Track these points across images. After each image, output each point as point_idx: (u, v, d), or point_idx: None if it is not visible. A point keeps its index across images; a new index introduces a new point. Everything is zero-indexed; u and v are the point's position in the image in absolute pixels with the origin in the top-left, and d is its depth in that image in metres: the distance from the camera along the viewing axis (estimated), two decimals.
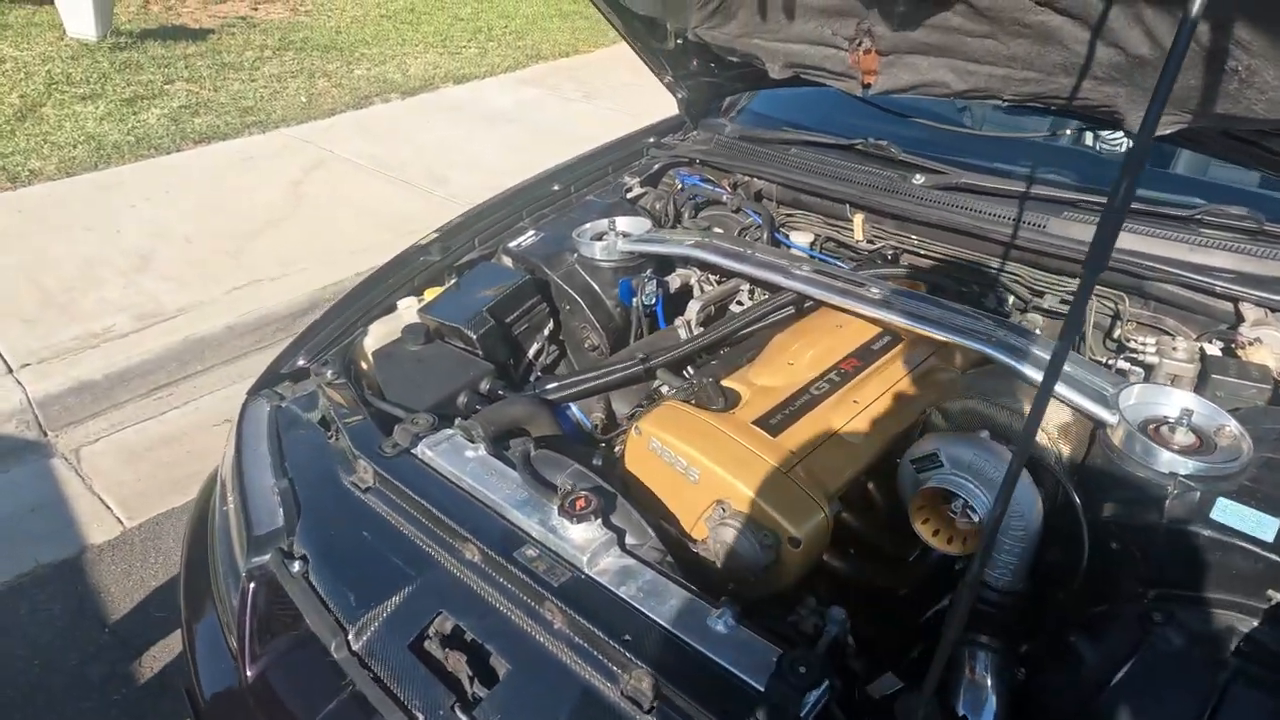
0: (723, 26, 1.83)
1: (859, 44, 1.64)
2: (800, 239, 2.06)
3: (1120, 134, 2.24)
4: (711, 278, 2.00)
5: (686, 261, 1.95)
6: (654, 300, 1.93)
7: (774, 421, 1.41)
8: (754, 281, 1.84)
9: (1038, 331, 1.74)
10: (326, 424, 1.56)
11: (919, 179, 1.89)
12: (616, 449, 1.55)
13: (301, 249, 4.17)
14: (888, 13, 1.53)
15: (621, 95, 6.75)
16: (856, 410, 1.45)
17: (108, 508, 2.71)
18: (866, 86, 1.72)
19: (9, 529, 2.61)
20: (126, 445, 3.03)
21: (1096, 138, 2.29)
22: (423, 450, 1.39)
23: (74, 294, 3.69)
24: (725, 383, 1.52)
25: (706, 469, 1.31)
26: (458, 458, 1.37)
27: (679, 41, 2.02)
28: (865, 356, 1.58)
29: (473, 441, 1.42)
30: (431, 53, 7.68)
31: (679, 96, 2.34)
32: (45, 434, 3.08)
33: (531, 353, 1.92)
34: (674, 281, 2.01)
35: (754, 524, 1.26)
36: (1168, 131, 1.41)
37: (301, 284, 3.85)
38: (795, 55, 1.77)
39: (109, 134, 5.43)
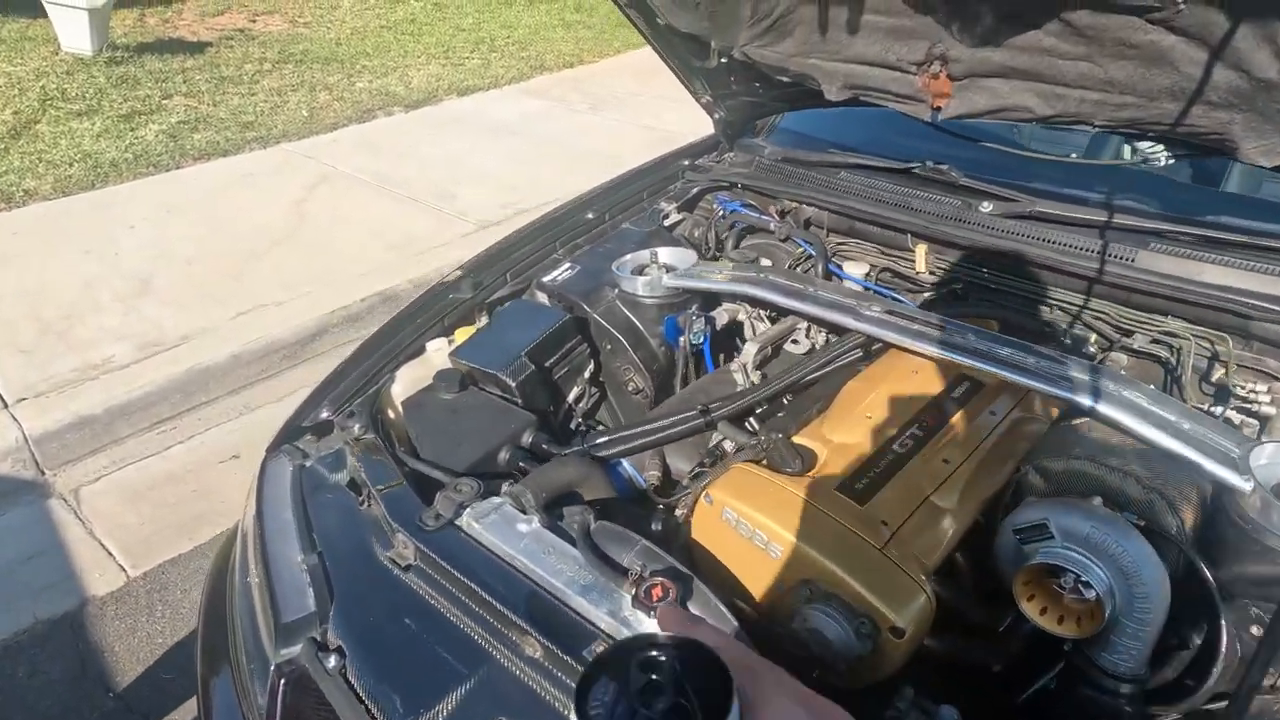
0: (776, 45, 1.70)
1: (929, 67, 1.51)
2: (854, 270, 1.92)
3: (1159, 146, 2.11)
4: (763, 313, 1.86)
5: (737, 298, 1.82)
6: (702, 339, 1.79)
7: (859, 487, 1.27)
8: (818, 322, 1.70)
9: (1122, 372, 1.61)
10: (357, 487, 1.42)
11: (986, 207, 1.75)
12: (678, 512, 1.41)
13: (307, 271, 4.02)
14: (966, 35, 1.40)
15: (628, 106, 6.63)
16: (947, 470, 1.32)
17: (110, 555, 2.56)
18: (936, 110, 1.59)
19: (5, 580, 2.46)
20: (128, 484, 2.88)
21: (1134, 150, 2.16)
22: (468, 522, 1.25)
23: (72, 321, 3.54)
24: (797, 439, 1.38)
25: (790, 545, 1.17)
26: (509, 531, 1.23)
27: (722, 60, 1.88)
28: (946, 406, 1.45)
29: (524, 512, 1.28)
30: (434, 64, 7.55)
31: (716, 117, 2.20)
32: (43, 473, 2.93)
33: (571, 397, 1.78)
34: (721, 317, 1.87)
35: (848, 610, 1.12)
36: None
37: (308, 308, 3.71)
38: (857, 77, 1.64)
39: (106, 151, 5.29)
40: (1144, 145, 1.90)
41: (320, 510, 1.39)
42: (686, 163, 2.30)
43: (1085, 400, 1.28)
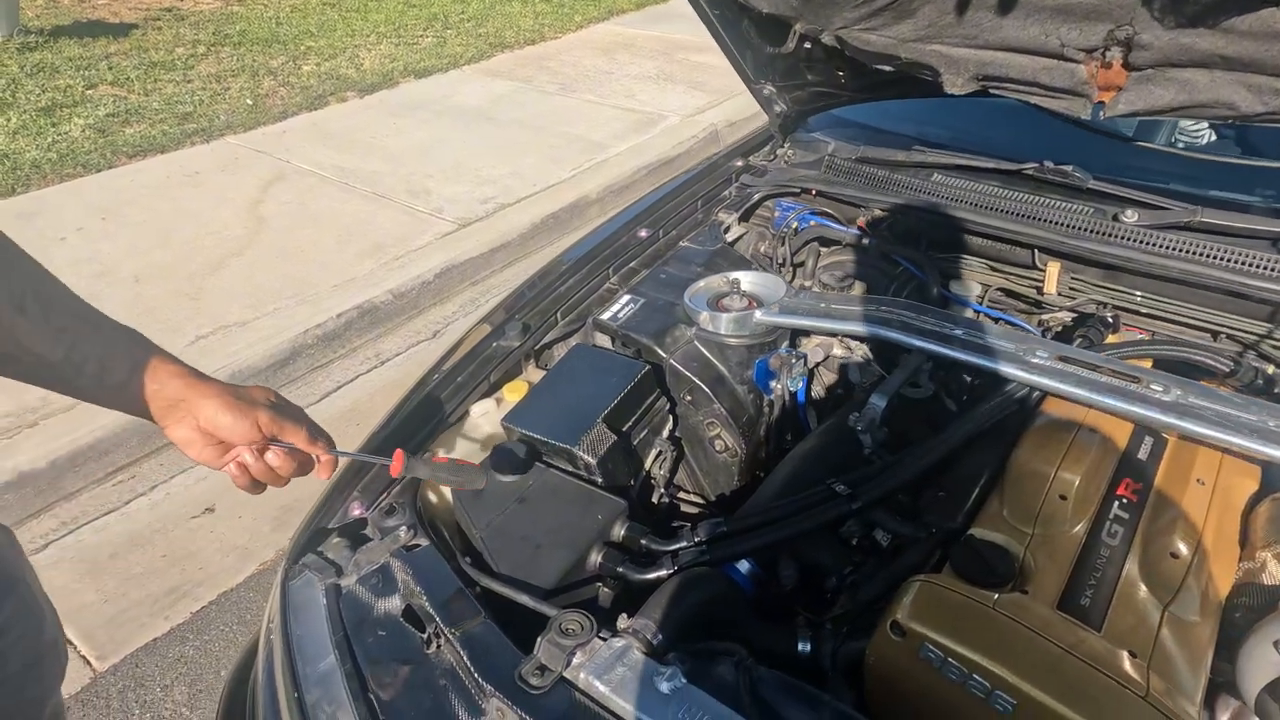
0: (888, 28, 1.40)
1: (1105, 54, 1.23)
2: (963, 291, 1.65)
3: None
4: (867, 348, 1.57)
5: (850, 337, 1.53)
6: (800, 384, 1.50)
7: (1085, 602, 1.00)
8: (974, 371, 1.41)
9: None
10: (417, 619, 1.10)
11: (1130, 216, 1.49)
12: (836, 631, 1.11)
13: (271, 284, 3.60)
14: (1173, 15, 1.11)
15: (601, 85, 6.24)
16: (1179, 569, 1.05)
17: (70, 644, 2.17)
18: (1099, 105, 1.31)
19: None
20: (84, 551, 2.48)
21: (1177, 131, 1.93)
22: (588, 680, 0.94)
23: None
24: (978, 530, 1.10)
25: (1028, 699, 0.89)
26: (647, 693, 0.92)
27: (806, 45, 1.57)
28: (1139, 473, 1.18)
29: (656, 657, 0.98)
30: (385, 44, 7.02)
31: (776, 110, 1.90)
32: None
33: (649, 462, 1.47)
34: (815, 354, 1.58)
35: None
36: None
37: (277, 328, 3.30)
38: (994, 65, 1.35)
39: (26, 151, 4.72)
40: None
41: (374, 659, 1.06)
42: (740, 163, 1.98)
43: None
